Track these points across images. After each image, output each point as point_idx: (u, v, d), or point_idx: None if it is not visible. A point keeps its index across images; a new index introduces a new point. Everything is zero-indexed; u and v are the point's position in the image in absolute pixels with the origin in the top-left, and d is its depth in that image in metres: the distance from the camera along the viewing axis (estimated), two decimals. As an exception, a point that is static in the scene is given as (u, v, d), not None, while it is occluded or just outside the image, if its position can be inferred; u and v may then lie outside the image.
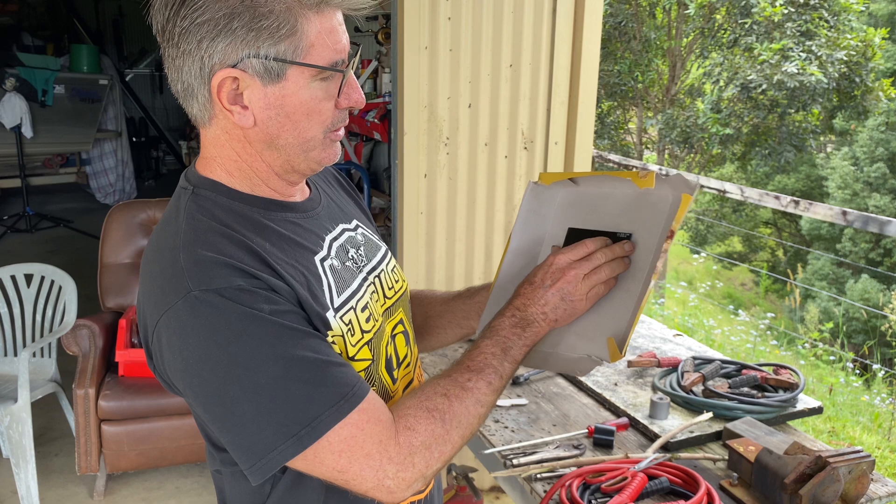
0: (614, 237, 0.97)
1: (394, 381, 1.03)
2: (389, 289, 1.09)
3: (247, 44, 0.84)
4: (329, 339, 0.90)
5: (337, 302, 0.94)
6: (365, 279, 1.03)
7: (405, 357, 1.08)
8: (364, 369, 0.97)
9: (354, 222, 1.10)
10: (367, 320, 0.99)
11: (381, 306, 1.05)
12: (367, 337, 0.98)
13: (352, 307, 0.97)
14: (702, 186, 2.60)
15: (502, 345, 0.95)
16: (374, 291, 1.04)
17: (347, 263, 1.01)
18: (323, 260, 0.96)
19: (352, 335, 0.95)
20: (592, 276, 0.95)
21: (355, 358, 0.95)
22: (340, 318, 0.93)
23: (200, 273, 0.82)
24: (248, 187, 0.94)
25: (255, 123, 0.89)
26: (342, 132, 0.95)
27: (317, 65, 0.86)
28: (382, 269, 1.09)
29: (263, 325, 0.81)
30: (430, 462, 0.87)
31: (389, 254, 1.15)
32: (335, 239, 1.01)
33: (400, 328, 1.09)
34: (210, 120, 0.91)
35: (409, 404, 0.90)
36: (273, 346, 0.81)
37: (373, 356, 0.98)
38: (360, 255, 1.05)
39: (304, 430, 0.81)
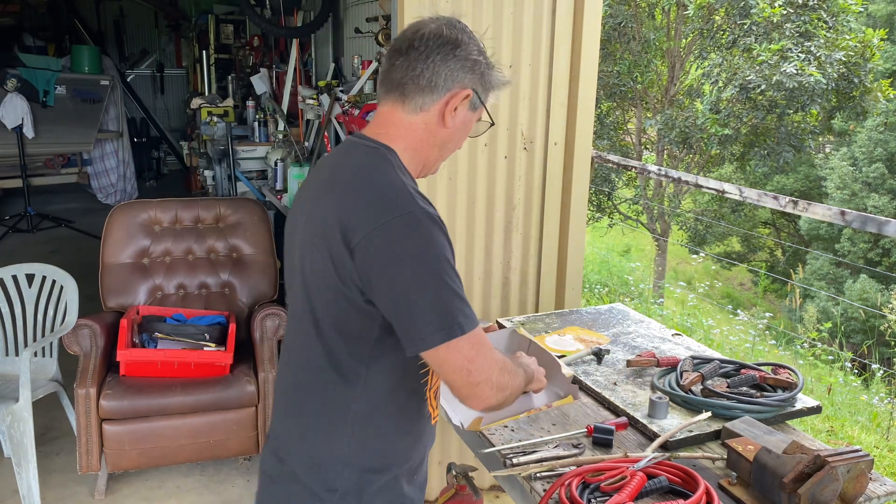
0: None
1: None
2: None
3: (479, 82, 1.28)
4: None
5: None
6: None
7: None
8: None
9: None
10: None
11: None
12: None
13: None
14: (700, 186, 2.61)
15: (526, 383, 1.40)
16: None
17: None
18: None
19: None
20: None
21: None
22: None
23: (413, 201, 1.16)
24: (411, 165, 1.28)
25: (448, 129, 1.27)
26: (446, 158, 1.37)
27: (488, 112, 1.34)
28: None
29: (446, 251, 1.16)
30: (501, 396, 1.23)
31: None
32: None
33: None
34: (422, 109, 1.25)
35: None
36: (449, 268, 1.16)
37: None
38: None
39: (456, 326, 1.14)
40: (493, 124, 1.37)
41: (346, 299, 1.18)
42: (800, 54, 7.77)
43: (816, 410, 1.78)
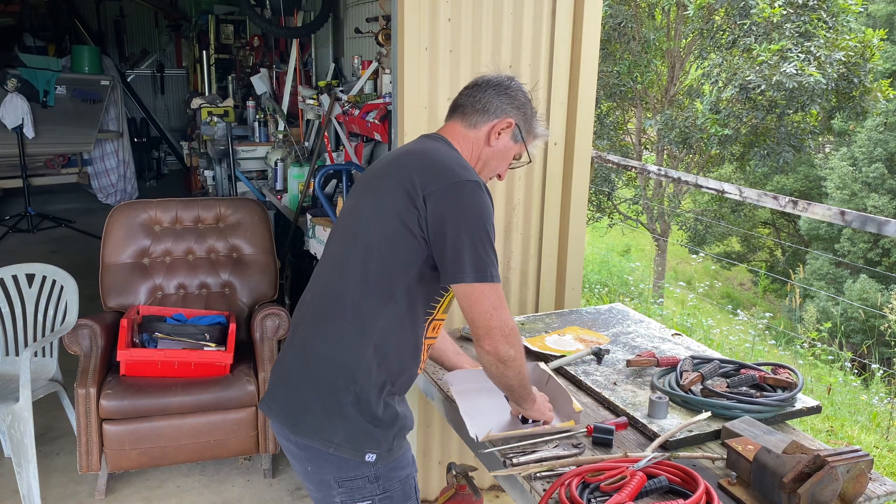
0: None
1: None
2: None
3: (522, 119, 1.66)
4: None
5: None
6: None
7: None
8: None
9: None
10: None
11: None
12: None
13: None
14: (700, 186, 2.62)
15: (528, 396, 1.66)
16: None
17: None
18: None
19: None
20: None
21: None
22: None
23: (475, 173, 1.54)
24: None
25: (491, 148, 1.65)
26: (487, 182, 1.64)
27: (528, 150, 1.70)
28: None
29: (492, 216, 1.51)
30: (509, 350, 1.51)
31: None
32: None
33: None
34: (475, 127, 1.64)
35: None
36: (491, 229, 1.50)
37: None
38: None
39: (488, 273, 1.46)
40: (530, 161, 1.76)
41: (408, 231, 1.48)
42: (800, 54, 7.77)
43: (816, 410, 1.78)
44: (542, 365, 1.89)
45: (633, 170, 3.43)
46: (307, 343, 1.57)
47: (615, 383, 1.90)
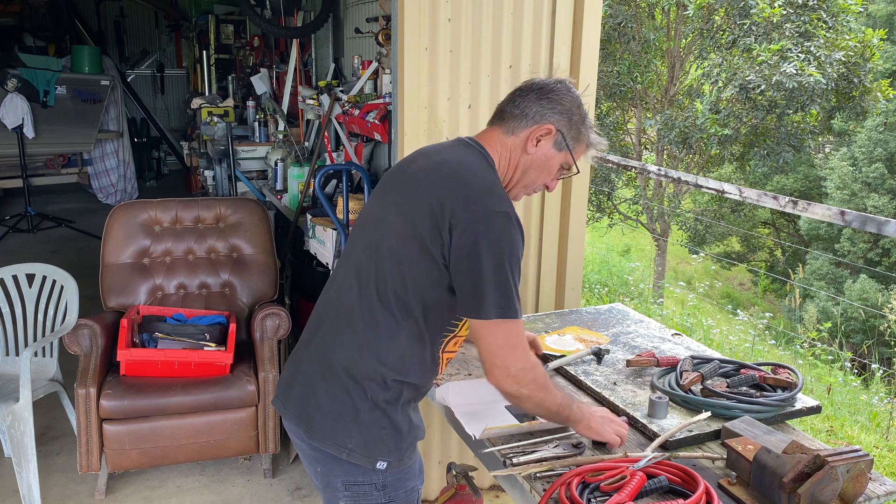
0: None
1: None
2: None
3: (567, 126, 1.53)
4: None
5: None
6: None
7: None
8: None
9: None
10: None
11: None
12: None
13: None
14: (700, 186, 2.62)
15: (573, 415, 1.58)
16: None
17: None
18: None
19: None
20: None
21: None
22: None
23: (507, 202, 1.45)
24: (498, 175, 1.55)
25: (529, 155, 1.53)
26: (532, 193, 1.63)
27: (573, 160, 1.56)
28: None
29: (520, 251, 1.44)
30: (518, 389, 1.47)
31: None
32: None
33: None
34: (513, 133, 1.54)
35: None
36: (517, 265, 1.43)
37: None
38: None
39: (511, 311, 1.41)
40: (577, 172, 1.60)
41: (429, 257, 1.44)
42: (799, 54, 7.77)
43: (816, 410, 1.78)
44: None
45: (633, 170, 3.44)
46: (326, 347, 1.55)
47: (615, 383, 1.90)
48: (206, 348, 2.91)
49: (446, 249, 1.42)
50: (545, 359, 2.04)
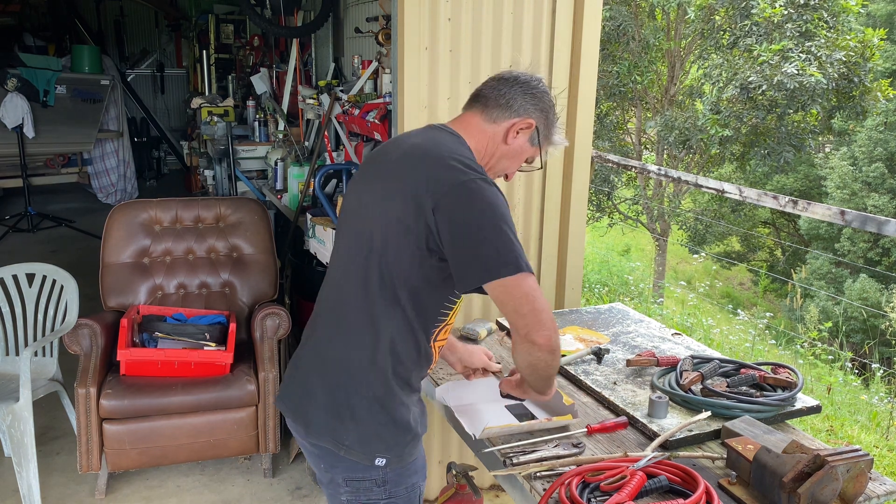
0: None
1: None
2: None
3: (543, 123, 1.60)
4: None
5: None
6: None
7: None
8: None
9: None
10: None
11: None
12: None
13: None
14: (700, 186, 2.62)
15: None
16: None
17: None
18: None
19: None
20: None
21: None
22: None
23: (481, 172, 1.45)
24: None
25: (507, 146, 1.58)
26: (504, 179, 1.68)
27: (541, 156, 1.65)
28: None
29: (507, 210, 1.44)
30: (557, 338, 1.47)
31: None
32: None
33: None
34: (495, 122, 1.56)
35: None
36: (511, 222, 1.43)
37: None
38: None
39: (523, 263, 1.39)
40: (540, 168, 1.68)
41: (415, 244, 1.43)
42: (800, 54, 7.76)
43: (816, 410, 1.78)
44: None
45: (633, 170, 3.43)
46: (321, 344, 1.57)
47: (615, 383, 1.90)
48: (206, 348, 2.91)
49: (434, 236, 1.41)
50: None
